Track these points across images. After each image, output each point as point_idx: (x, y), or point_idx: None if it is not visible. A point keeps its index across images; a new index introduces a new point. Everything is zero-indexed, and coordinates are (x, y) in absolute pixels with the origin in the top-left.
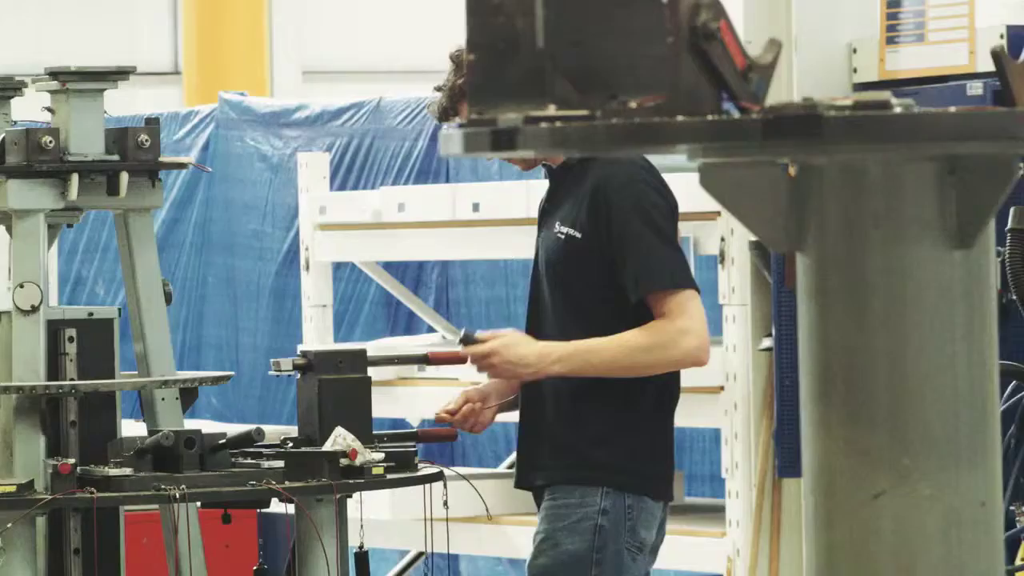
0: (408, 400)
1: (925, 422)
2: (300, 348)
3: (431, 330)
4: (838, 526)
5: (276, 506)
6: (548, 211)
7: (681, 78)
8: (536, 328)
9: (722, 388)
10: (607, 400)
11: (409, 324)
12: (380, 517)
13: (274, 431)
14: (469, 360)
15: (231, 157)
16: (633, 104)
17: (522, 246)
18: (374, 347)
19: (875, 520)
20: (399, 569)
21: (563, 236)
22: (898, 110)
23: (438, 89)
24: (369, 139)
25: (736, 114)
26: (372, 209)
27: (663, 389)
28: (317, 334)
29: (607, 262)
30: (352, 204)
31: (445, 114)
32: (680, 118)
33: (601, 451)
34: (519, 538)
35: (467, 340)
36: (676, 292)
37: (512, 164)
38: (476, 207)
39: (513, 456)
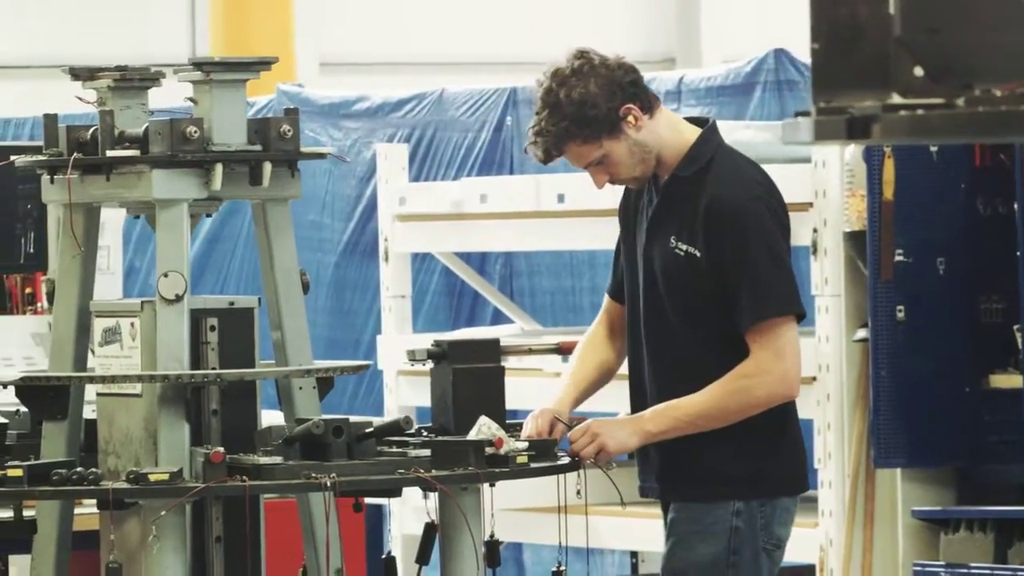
0: None
1: None
2: (434, 338)
3: (495, 321)
4: None
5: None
6: (657, 223)
7: None
8: (655, 343)
9: (815, 379)
10: None
11: (472, 315)
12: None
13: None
14: (576, 445)
15: None
16: (998, 92)
17: (608, 237)
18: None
19: None
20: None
21: (682, 253)
22: None
23: (537, 132)
24: (431, 130)
25: None
26: (452, 200)
27: None
28: (396, 324)
29: (722, 284)
30: (432, 195)
31: (549, 155)
32: None
33: (726, 465)
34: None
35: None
36: (773, 322)
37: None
38: (561, 198)
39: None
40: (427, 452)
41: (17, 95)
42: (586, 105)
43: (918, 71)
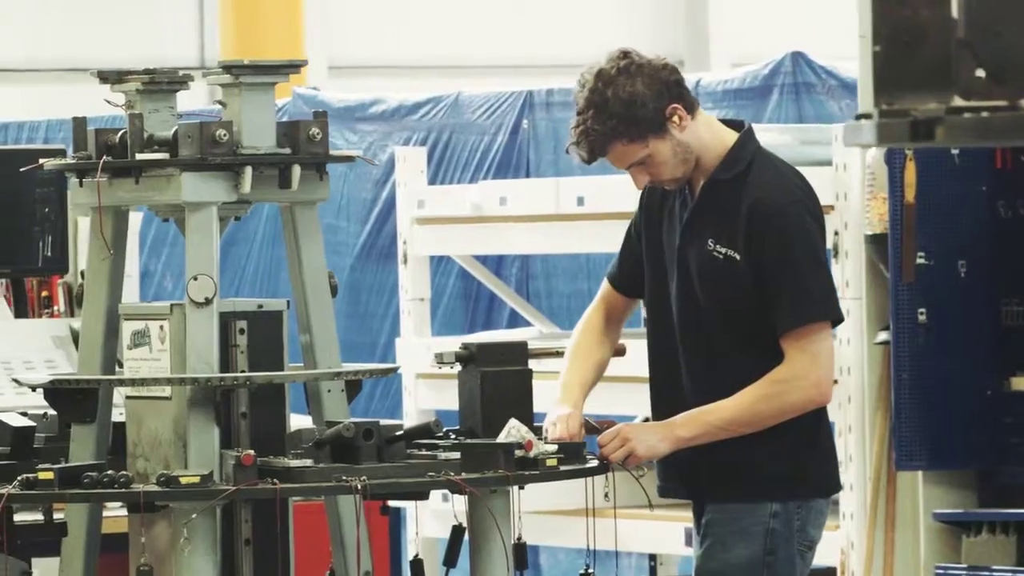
0: None
1: None
2: (461, 341)
3: (512, 324)
4: None
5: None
6: (694, 225)
7: None
8: (689, 344)
9: (836, 381)
10: None
11: (488, 318)
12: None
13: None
14: (606, 449)
15: None
16: None
17: None
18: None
19: None
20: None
21: (721, 256)
22: None
23: (582, 132)
24: (447, 134)
25: None
26: (471, 203)
27: None
28: (415, 327)
29: (761, 287)
30: (451, 198)
31: (593, 156)
32: None
33: (765, 467)
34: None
35: (592, 431)
36: (811, 327)
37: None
38: (581, 201)
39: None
40: (456, 455)
41: (25, 98)
42: (634, 104)
43: (980, 73)
